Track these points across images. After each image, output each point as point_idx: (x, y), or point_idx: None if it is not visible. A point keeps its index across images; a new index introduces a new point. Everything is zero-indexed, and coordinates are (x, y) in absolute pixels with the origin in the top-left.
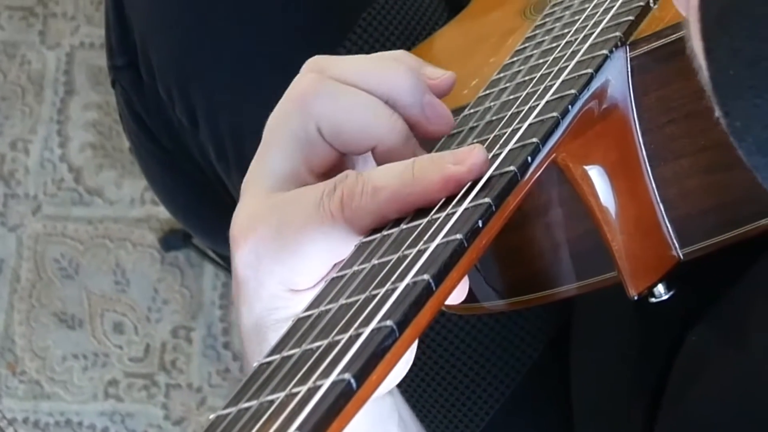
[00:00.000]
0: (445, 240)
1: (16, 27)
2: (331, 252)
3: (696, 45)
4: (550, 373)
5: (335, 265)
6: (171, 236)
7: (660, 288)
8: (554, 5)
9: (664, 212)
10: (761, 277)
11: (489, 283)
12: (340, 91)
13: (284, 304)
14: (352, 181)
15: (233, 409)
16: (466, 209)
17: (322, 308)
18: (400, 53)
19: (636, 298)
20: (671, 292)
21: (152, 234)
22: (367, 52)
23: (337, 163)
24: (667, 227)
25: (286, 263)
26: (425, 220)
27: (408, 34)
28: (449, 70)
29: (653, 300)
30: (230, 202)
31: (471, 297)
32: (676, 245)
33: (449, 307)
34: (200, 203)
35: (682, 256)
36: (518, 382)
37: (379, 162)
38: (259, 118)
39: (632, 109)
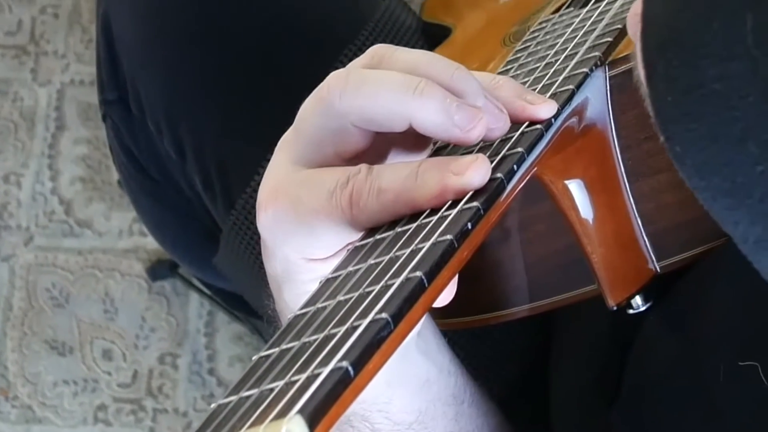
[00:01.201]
0: (436, 241)
1: (8, 65)
2: (339, 237)
3: (640, 72)
4: (527, 393)
5: (348, 243)
6: (158, 266)
7: (638, 300)
8: (534, 31)
9: (641, 226)
10: (716, 272)
11: (470, 299)
12: (362, 80)
13: (299, 269)
14: (362, 178)
15: (234, 398)
16: (455, 213)
17: (318, 305)
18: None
19: (615, 308)
20: (648, 304)
21: (140, 264)
22: None
23: (366, 148)
24: (644, 241)
25: (300, 237)
26: (416, 224)
27: None
28: None
29: (631, 311)
30: (216, 232)
31: (453, 312)
32: (653, 258)
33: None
34: (187, 233)
35: (659, 269)
36: (497, 401)
37: (422, 133)
38: (244, 151)
39: (611, 126)
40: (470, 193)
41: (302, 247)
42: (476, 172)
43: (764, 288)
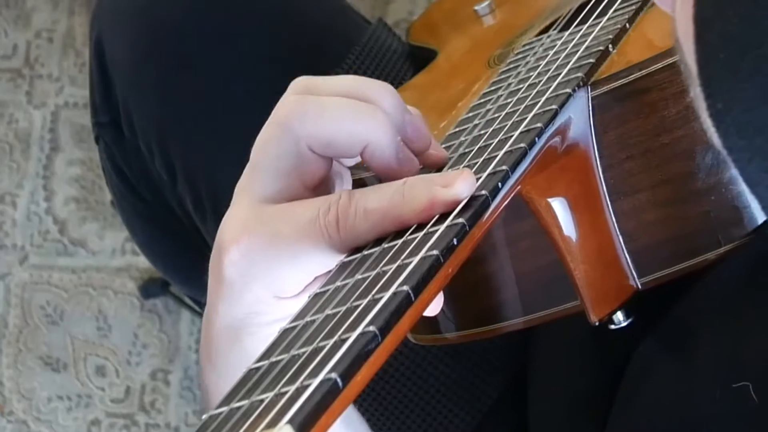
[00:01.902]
0: (423, 256)
1: (4, 87)
2: (321, 264)
3: (684, 32)
4: (509, 413)
5: (317, 277)
6: (150, 284)
7: (619, 315)
8: (518, 54)
9: (623, 244)
10: (704, 297)
11: (456, 315)
12: (323, 105)
13: (266, 309)
14: (345, 202)
15: (225, 409)
16: (441, 229)
17: (307, 319)
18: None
19: (597, 324)
20: (630, 320)
21: (132, 282)
22: None
23: (328, 174)
24: (626, 258)
25: (277, 272)
26: (402, 240)
27: None
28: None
29: (612, 327)
30: (206, 250)
31: (438, 328)
32: (635, 275)
33: (417, 338)
34: (178, 252)
35: (640, 286)
36: (477, 421)
37: (370, 162)
38: (233, 171)
39: (593, 146)
40: (457, 209)
41: (277, 282)
42: (464, 183)
43: (753, 308)
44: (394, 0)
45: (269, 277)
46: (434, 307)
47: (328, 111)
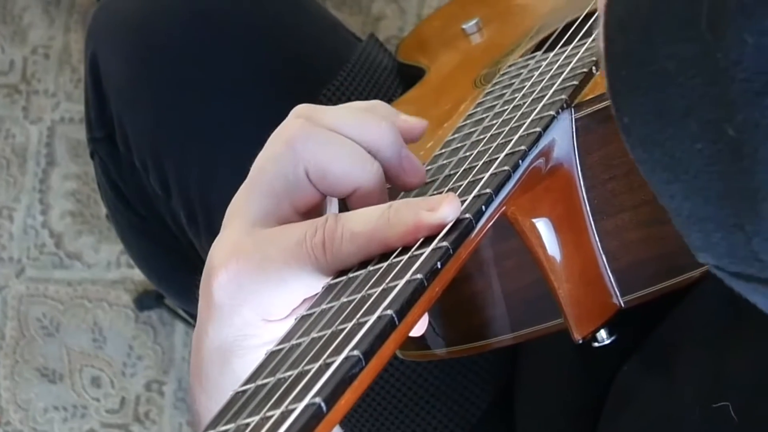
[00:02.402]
0: (407, 280)
1: (1, 103)
2: (308, 287)
3: (600, 46)
4: (498, 425)
5: (306, 299)
6: (145, 297)
7: (602, 333)
8: (503, 74)
9: (606, 263)
10: (686, 316)
11: (443, 332)
12: (328, 138)
13: (255, 332)
14: (332, 225)
15: None
16: (425, 253)
17: (293, 342)
18: (377, 103)
19: (580, 342)
20: (613, 338)
21: (127, 295)
22: None
23: (319, 203)
24: (609, 277)
25: (265, 295)
26: (387, 263)
27: None
28: None
29: (596, 344)
30: (200, 264)
31: (425, 344)
32: (618, 294)
33: (405, 354)
34: (172, 266)
35: (623, 304)
36: None
37: (354, 205)
38: (226, 187)
39: (577, 167)
40: (442, 232)
41: (265, 305)
42: (449, 207)
43: (734, 329)
44: (385, 17)
45: (257, 300)
46: (419, 328)
47: (331, 143)
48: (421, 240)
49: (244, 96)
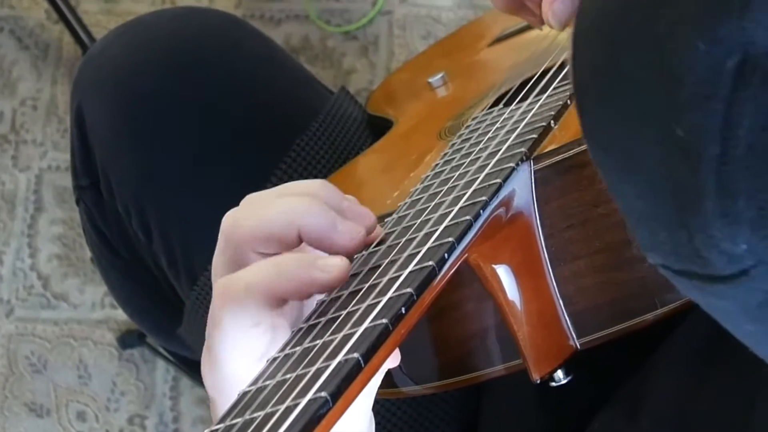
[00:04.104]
0: (372, 324)
1: None
2: (239, 340)
3: (569, 54)
4: None
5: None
6: (127, 336)
7: (559, 373)
8: (467, 127)
9: (563, 307)
10: (657, 368)
11: (410, 371)
12: (255, 204)
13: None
14: (228, 277)
15: None
16: (390, 298)
17: (264, 383)
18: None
19: (538, 381)
20: (569, 377)
21: (111, 334)
22: (301, 173)
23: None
24: (565, 320)
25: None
26: (356, 307)
27: (337, 156)
28: (374, 184)
29: (553, 384)
30: (180, 305)
31: (393, 382)
32: (574, 336)
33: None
34: (153, 307)
35: (579, 346)
36: None
37: (308, 242)
38: (204, 232)
39: (536, 216)
40: (401, 279)
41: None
42: (341, 268)
43: (702, 383)
44: (356, 70)
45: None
46: (393, 361)
47: (260, 208)
48: (384, 285)
49: (221, 146)
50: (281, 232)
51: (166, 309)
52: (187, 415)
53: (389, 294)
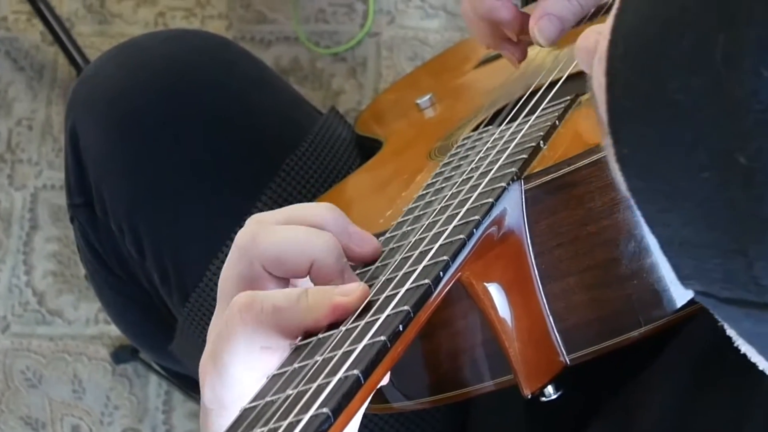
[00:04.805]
0: (371, 341)
1: None
2: (249, 357)
3: (598, 85)
4: None
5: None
6: (121, 351)
7: (550, 389)
8: (458, 147)
9: (553, 323)
10: (651, 380)
11: (401, 386)
12: (273, 229)
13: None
14: (258, 294)
15: None
16: (388, 315)
17: (266, 399)
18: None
19: (529, 397)
20: (559, 393)
21: (105, 349)
22: (290, 193)
23: None
24: (555, 336)
25: (241, 357)
26: (354, 325)
27: (327, 175)
28: (367, 203)
29: (544, 399)
30: (172, 321)
31: (384, 398)
32: (564, 352)
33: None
34: (146, 322)
35: (569, 362)
36: None
37: (315, 278)
38: (196, 250)
39: (526, 234)
40: (398, 297)
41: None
42: (360, 295)
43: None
44: (344, 92)
45: (238, 364)
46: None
47: (277, 233)
48: (381, 303)
49: (213, 164)
50: (295, 261)
51: (158, 325)
52: (179, 429)
53: (387, 311)
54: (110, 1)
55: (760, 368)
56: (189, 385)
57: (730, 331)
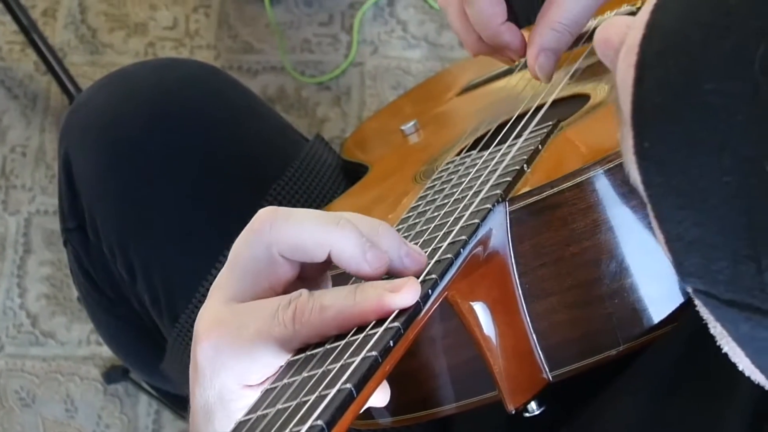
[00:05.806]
0: (363, 356)
1: None
2: (280, 356)
3: (623, 78)
4: None
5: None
6: (112, 371)
7: (533, 404)
8: (442, 171)
9: (536, 341)
10: (617, 395)
11: (387, 403)
12: (291, 213)
13: (234, 396)
14: (304, 298)
15: None
16: (379, 332)
17: (259, 413)
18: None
19: (513, 412)
20: (542, 408)
21: (96, 369)
22: None
23: (294, 282)
24: (539, 354)
25: (241, 361)
26: (345, 342)
27: (312, 200)
28: None
29: (527, 414)
30: (162, 342)
31: (370, 415)
32: (546, 369)
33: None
34: (137, 343)
35: (551, 378)
36: None
37: (338, 264)
38: (186, 273)
39: (511, 254)
40: (395, 313)
41: (241, 372)
42: (411, 290)
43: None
44: (329, 119)
45: (235, 367)
46: (383, 398)
47: (296, 214)
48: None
49: (201, 190)
50: (314, 248)
51: (149, 345)
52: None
53: (379, 328)
54: (101, 32)
55: (740, 369)
56: (178, 404)
57: (714, 330)
